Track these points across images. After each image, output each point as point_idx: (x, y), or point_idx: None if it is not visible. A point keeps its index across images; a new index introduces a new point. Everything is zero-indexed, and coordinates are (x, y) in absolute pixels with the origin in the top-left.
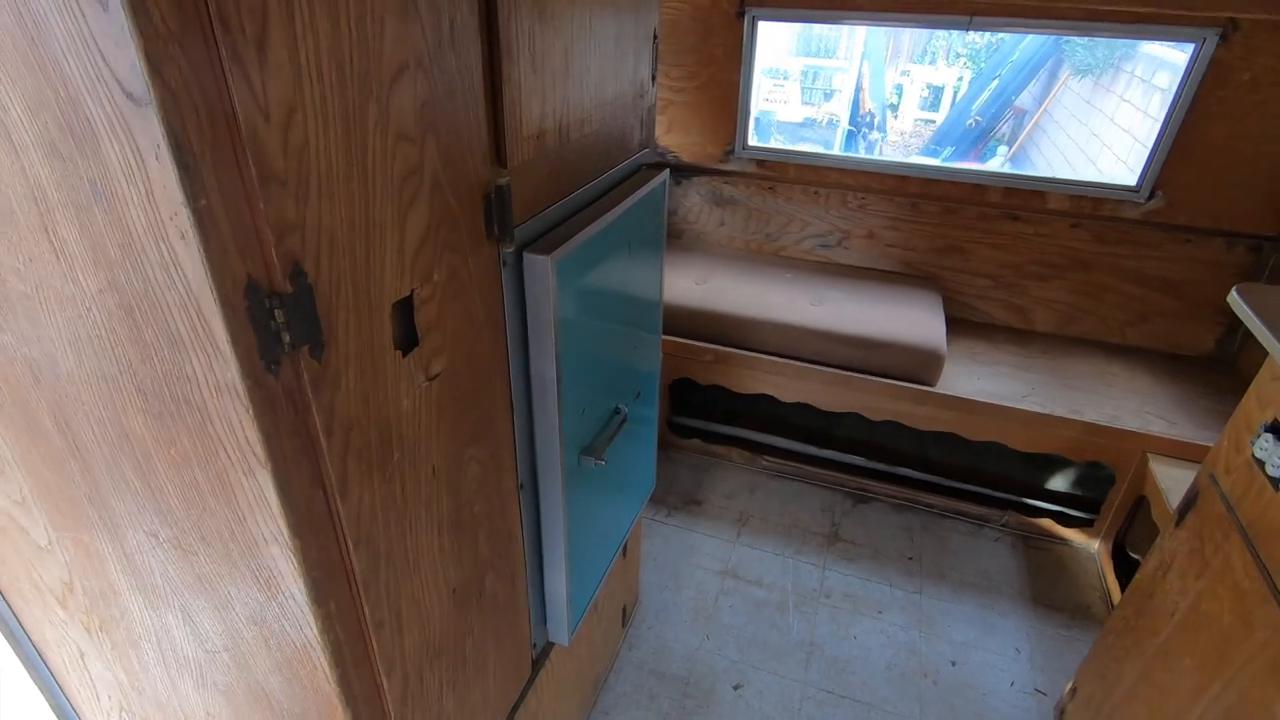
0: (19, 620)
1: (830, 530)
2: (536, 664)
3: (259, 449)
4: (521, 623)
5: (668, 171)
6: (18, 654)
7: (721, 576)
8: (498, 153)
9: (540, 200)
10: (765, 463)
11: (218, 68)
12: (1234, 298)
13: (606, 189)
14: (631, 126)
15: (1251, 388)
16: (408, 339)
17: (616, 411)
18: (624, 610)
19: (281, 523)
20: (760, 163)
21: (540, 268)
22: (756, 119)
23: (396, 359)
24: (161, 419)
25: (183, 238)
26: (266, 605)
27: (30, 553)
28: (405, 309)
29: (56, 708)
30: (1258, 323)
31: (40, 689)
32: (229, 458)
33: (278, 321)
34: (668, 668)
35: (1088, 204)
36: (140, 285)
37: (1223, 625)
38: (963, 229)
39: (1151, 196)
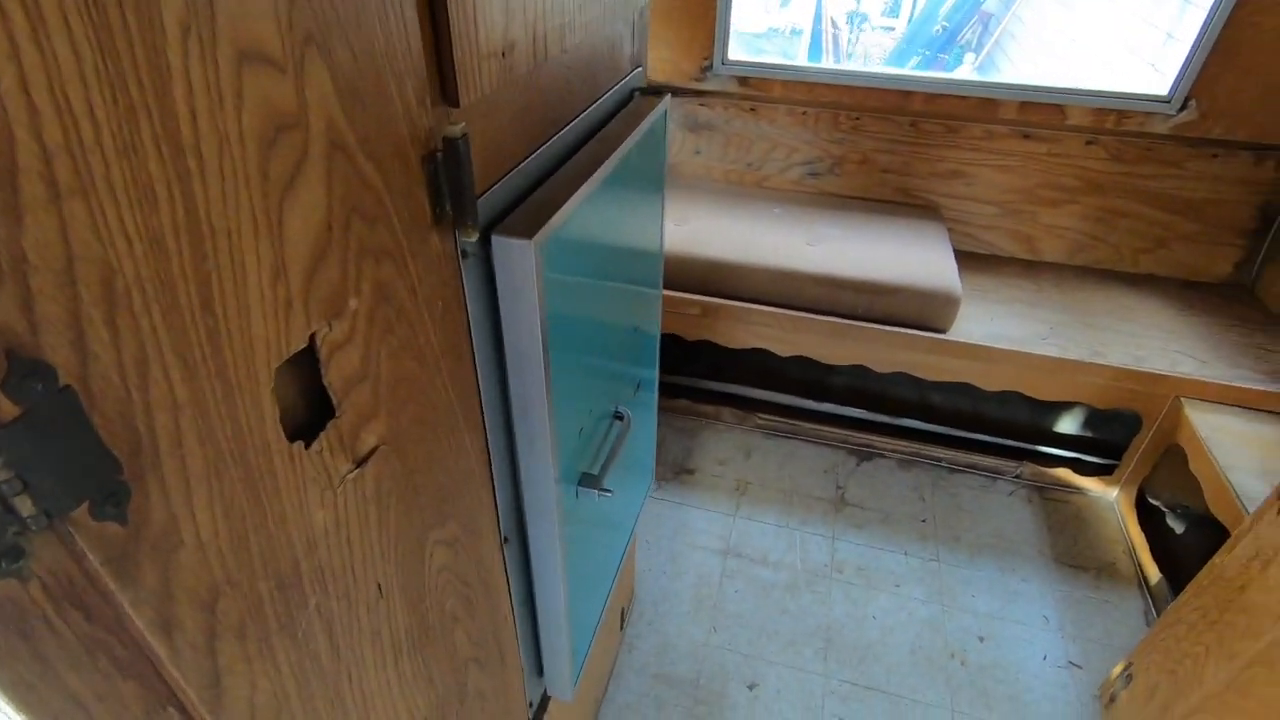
0: None
1: (835, 494)
2: None
3: (13, 714)
4: (514, 696)
5: (669, 98)
6: None
7: (723, 556)
8: (442, 82)
9: (508, 154)
10: (759, 421)
11: None
12: None
13: (595, 127)
14: (621, 36)
15: None
16: (310, 415)
17: (618, 417)
18: (621, 613)
19: None
20: (743, 80)
21: (518, 257)
22: None
23: (295, 457)
24: None
25: None
26: None
27: None
28: (304, 369)
29: None
30: None
31: None
32: None
33: None
34: (673, 669)
35: (1110, 118)
36: None
37: None
38: (968, 150)
39: (1184, 107)
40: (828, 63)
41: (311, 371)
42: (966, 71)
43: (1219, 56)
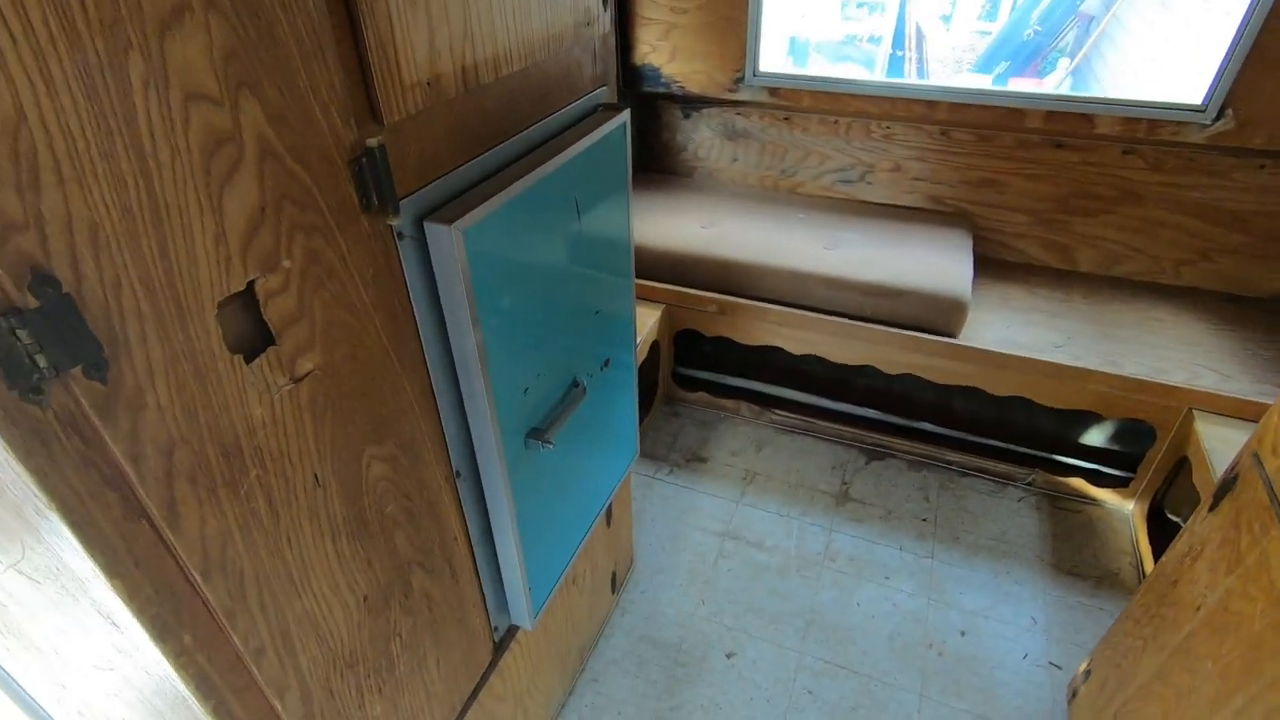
0: None
1: (840, 489)
2: (501, 646)
3: (37, 490)
4: (472, 612)
5: (627, 112)
6: None
7: (721, 538)
8: (371, 107)
9: (445, 158)
10: (775, 417)
11: None
12: None
13: (546, 137)
14: (578, 62)
15: None
16: (256, 339)
17: (575, 385)
18: (614, 576)
19: (93, 563)
20: (773, 90)
21: (444, 240)
22: (791, 39)
23: (237, 365)
24: None
25: None
26: (118, 637)
27: None
28: (245, 305)
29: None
30: None
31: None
32: (13, 493)
33: (24, 343)
34: (660, 634)
35: (1142, 127)
36: None
37: (1253, 631)
38: (999, 159)
39: (1220, 116)
40: (910, 72)
41: (251, 311)
42: (1057, 78)
43: (1255, 65)
